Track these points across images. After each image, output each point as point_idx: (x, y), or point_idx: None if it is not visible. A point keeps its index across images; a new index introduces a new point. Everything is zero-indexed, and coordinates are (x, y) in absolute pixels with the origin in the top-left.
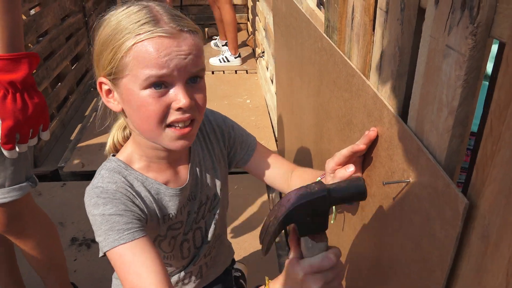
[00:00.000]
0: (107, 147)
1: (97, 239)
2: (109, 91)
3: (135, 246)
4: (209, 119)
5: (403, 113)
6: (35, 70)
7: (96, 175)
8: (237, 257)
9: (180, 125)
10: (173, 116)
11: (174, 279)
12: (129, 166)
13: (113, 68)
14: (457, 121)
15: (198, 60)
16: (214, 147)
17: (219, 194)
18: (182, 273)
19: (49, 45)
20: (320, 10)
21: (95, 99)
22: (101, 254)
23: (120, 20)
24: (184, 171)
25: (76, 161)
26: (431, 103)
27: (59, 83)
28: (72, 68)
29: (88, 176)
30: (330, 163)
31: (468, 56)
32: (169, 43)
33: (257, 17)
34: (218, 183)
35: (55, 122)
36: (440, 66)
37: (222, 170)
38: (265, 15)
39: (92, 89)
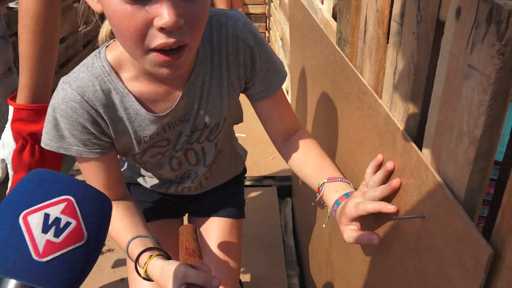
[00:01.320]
0: (100, 37)
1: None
2: None
3: (89, 161)
4: (237, 35)
5: (417, 138)
6: None
7: (79, 66)
8: (245, 271)
9: (166, 51)
10: (154, 39)
11: (171, 190)
12: (114, 71)
13: None
14: (480, 153)
15: None
16: (231, 72)
17: (221, 124)
18: (180, 187)
19: (65, 52)
20: (336, 21)
21: None
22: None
23: None
24: (178, 91)
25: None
26: (449, 130)
27: None
28: None
29: None
30: (351, 211)
31: (494, 79)
32: None
33: (274, 26)
34: (223, 112)
35: None
36: (460, 88)
37: (233, 97)
38: (282, 25)
39: None
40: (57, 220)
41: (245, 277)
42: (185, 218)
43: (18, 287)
